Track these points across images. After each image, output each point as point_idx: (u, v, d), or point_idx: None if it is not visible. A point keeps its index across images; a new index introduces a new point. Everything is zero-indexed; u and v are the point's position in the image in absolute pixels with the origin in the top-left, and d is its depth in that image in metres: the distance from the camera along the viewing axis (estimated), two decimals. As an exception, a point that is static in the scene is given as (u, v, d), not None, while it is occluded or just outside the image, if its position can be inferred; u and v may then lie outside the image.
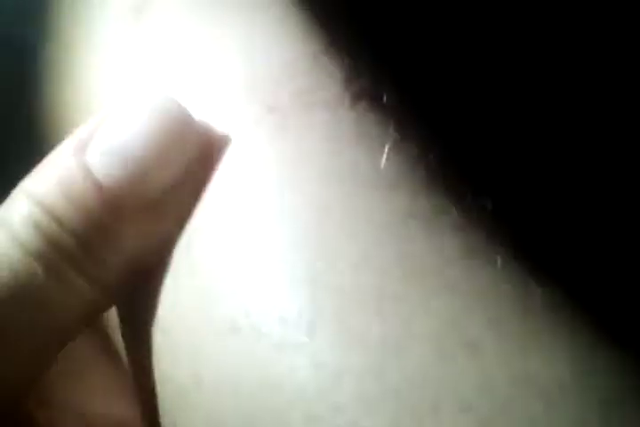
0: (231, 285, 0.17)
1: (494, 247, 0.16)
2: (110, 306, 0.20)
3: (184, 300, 0.18)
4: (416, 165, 0.18)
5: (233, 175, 0.18)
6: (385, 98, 0.20)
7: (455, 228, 0.17)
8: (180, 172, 0.18)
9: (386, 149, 0.18)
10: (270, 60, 0.20)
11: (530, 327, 0.15)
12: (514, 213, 0.17)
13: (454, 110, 0.22)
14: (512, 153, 0.19)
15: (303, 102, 0.19)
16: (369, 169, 0.18)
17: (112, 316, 0.23)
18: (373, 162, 0.18)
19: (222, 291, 0.17)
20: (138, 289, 0.19)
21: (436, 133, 0.19)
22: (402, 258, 0.16)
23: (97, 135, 0.18)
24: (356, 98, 0.20)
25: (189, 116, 0.19)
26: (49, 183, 0.18)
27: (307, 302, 0.16)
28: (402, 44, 0.25)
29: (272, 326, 0.16)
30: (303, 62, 0.20)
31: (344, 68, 0.20)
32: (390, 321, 0.15)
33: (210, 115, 0.19)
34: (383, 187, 0.17)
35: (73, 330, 0.19)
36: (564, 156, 0.19)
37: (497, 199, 0.17)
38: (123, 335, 0.21)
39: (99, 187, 0.18)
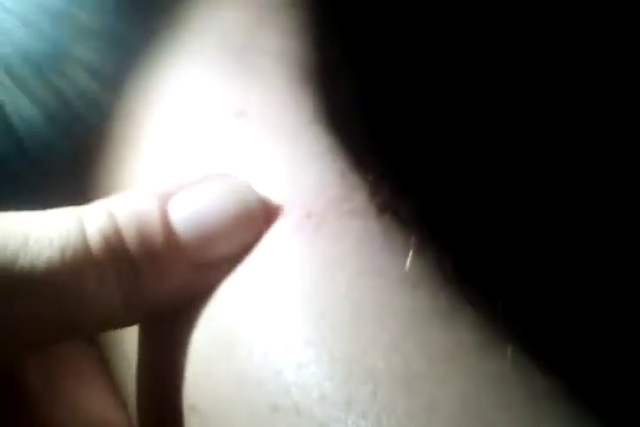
0: (272, 367, 0.19)
1: (505, 341, 0.19)
2: (125, 326, 0.22)
3: (221, 383, 0.20)
4: (435, 269, 0.21)
5: (277, 271, 0.21)
6: (404, 212, 0.23)
7: (470, 323, 0.19)
8: (242, 246, 0.21)
9: (410, 255, 0.21)
10: (307, 174, 0.23)
11: (536, 411, 0.18)
12: (522, 311, 0.20)
13: (466, 223, 0.25)
14: (518, 259, 0.22)
15: (336, 210, 0.22)
16: (395, 271, 0.20)
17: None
18: (398, 265, 0.21)
19: (263, 374, 0.19)
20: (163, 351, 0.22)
21: (450, 243, 0.22)
22: (426, 346, 0.18)
23: (184, 194, 0.22)
24: (381, 210, 0.23)
25: (260, 202, 0.22)
26: (128, 212, 0.21)
27: (343, 380, 0.18)
28: (417, 163, 0.29)
29: (312, 404, 0.18)
30: (334, 177, 0.23)
31: (368, 184, 0.24)
32: (417, 399, 0.17)
33: None
34: (408, 286, 0.20)
35: (82, 330, 0.21)
36: (566, 264, 0.22)
37: (507, 299, 0.20)
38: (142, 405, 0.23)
39: (172, 233, 0.21)
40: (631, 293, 0.22)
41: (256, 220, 0.22)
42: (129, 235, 0.21)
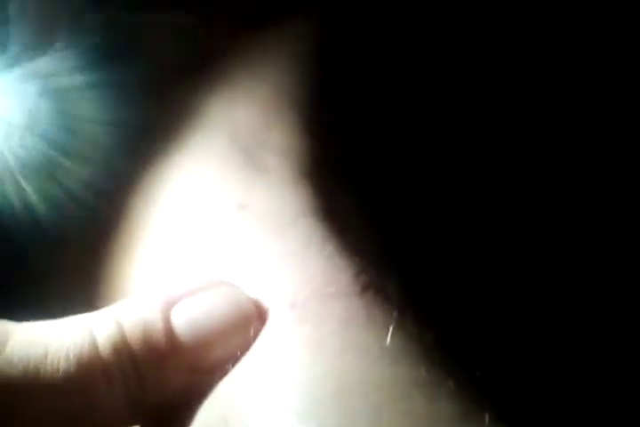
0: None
1: (483, 409, 0.20)
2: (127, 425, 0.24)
3: None
4: (415, 342, 0.22)
5: (265, 359, 0.22)
6: (388, 288, 0.24)
7: (450, 394, 0.20)
8: (238, 350, 0.23)
9: (390, 330, 0.22)
10: (295, 267, 0.25)
11: None
12: (499, 379, 0.21)
13: (447, 295, 0.26)
14: (496, 330, 0.23)
15: (320, 296, 0.24)
16: (376, 347, 0.22)
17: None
18: (379, 340, 0.22)
19: None
20: None
21: (429, 319, 0.23)
22: (407, 418, 0.19)
23: (186, 302, 0.24)
24: (365, 288, 0.24)
25: (255, 308, 0.24)
26: (134, 320, 0.23)
27: None
28: (405, 239, 0.30)
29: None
30: (320, 266, 0.25)
31: (354, 265, 0.25)
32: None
33: None
34: (388, 361, 0.21)
35: None
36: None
37: (484, 369, 0.21)
38: None
39: (175, 340, 0.23)
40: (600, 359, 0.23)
41: (251, 325, 0.23)
42: (135, 342, 0.22)
